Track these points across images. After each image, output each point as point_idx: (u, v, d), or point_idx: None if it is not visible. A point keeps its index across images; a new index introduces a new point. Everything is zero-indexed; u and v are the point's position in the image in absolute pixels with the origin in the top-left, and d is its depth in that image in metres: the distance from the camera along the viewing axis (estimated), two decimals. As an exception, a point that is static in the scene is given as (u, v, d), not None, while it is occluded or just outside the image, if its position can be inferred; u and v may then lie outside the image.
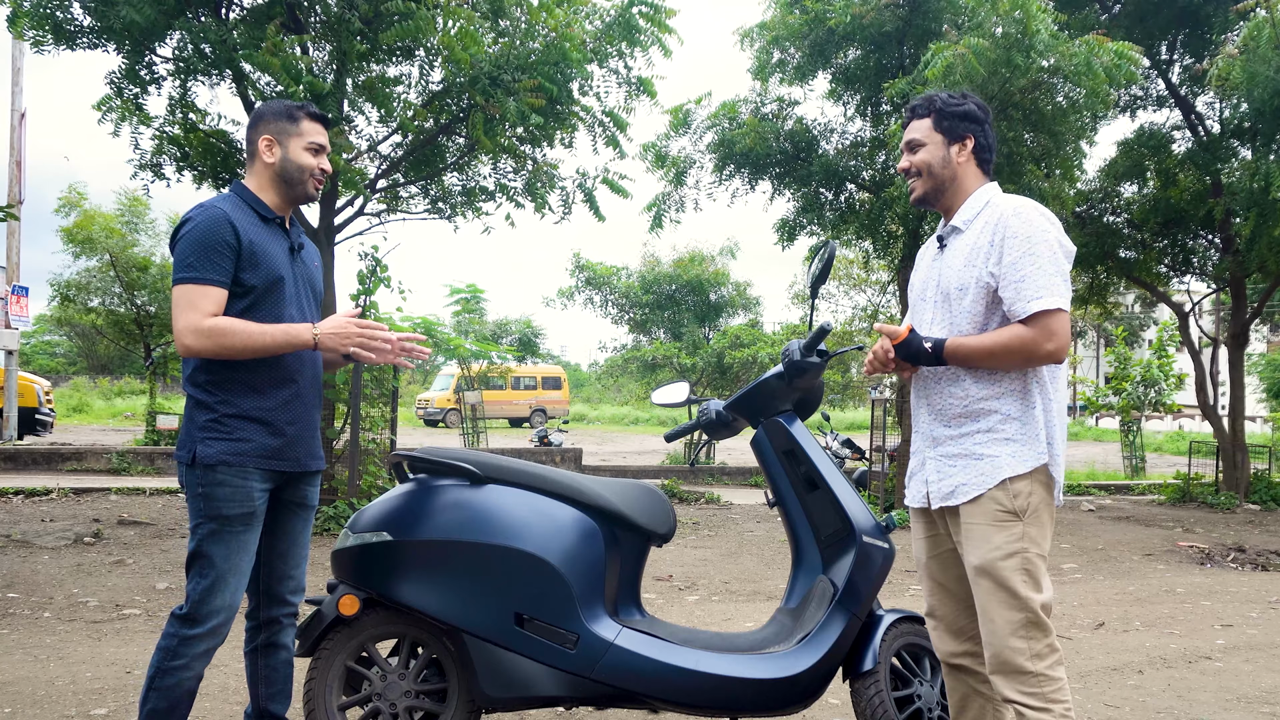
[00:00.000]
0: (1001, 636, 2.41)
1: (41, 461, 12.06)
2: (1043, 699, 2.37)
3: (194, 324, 2.53)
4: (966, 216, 2.57)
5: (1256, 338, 23.80)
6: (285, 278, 2.70)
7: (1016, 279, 2.40)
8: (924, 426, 2.65)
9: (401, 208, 9.38)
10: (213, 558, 2.59)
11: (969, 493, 2.48)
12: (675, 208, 11.30)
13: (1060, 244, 2.45)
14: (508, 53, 7.60)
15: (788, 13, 9.81)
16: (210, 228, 2.58)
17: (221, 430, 2.60)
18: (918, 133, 2.62)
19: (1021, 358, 2.42)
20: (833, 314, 22.89)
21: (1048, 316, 2.37)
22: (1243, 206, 10.62)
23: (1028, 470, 2.44)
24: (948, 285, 2.56)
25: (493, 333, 20.26)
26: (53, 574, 6.05)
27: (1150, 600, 6.40)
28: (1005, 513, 2.43)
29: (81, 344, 38.05)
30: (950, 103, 2.58)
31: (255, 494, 2.63)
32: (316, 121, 2.77)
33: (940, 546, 2.67)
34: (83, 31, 7.18)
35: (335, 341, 2.65)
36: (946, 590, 2.67)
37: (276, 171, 2.73)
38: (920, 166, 2.61)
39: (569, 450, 13.92)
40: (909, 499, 2.73)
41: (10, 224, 14.80)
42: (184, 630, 2.58)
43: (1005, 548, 2.42)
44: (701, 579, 6.71)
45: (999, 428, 2.47)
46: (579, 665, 2.85)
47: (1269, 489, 12.52)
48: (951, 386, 2.55)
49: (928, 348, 2.49)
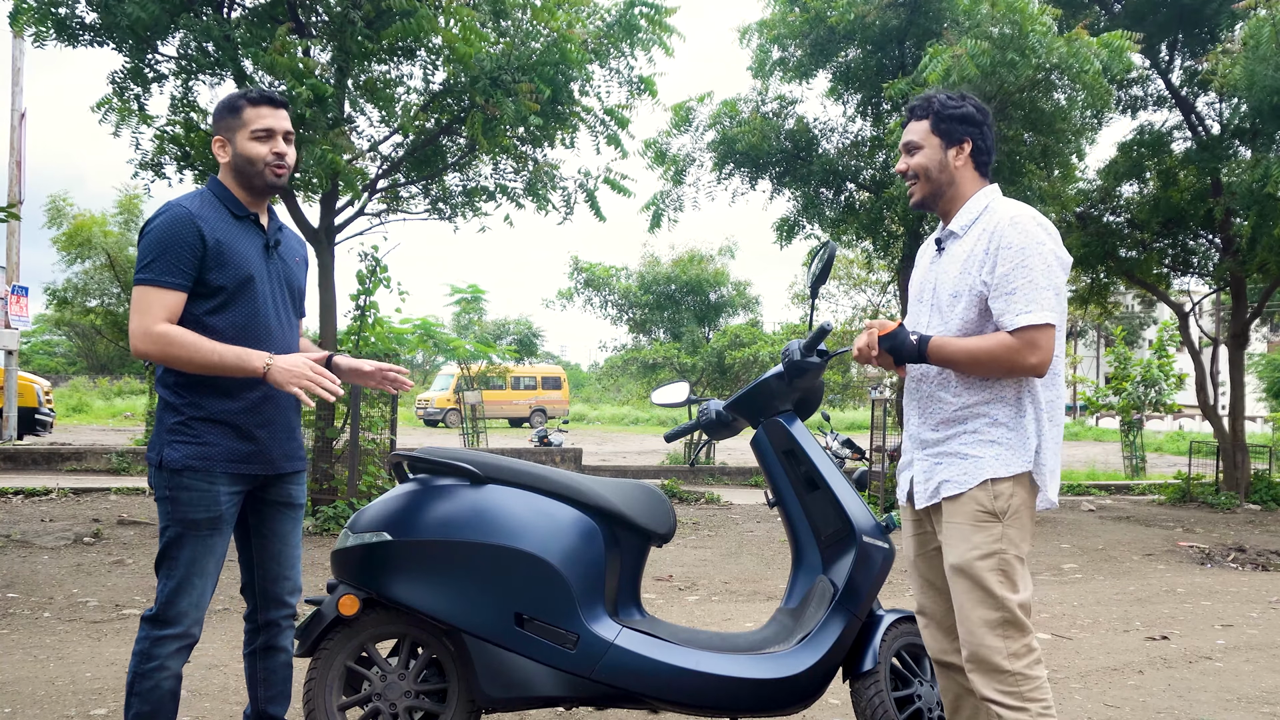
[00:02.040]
0: (978, 635, 2.42)
1: (41, 461, 12.05)
2: (1020, 697, 2.38)
3: (145, 328, 2.49)
4: (964, 222, 2.57)
5: (1256, 338, 23.80)
6: (256, 276, 2.64)
7: (1007, 291, 2.40)
8: (913, 429, 2.67)
9: (402, 208, 9.38)
10: (178, 560, 2.58)
11: (951, 490, 2.50)
12: (674, 206, 11.31)
13: (1056, 256, 2.44)
14: (508, 53, 7.60)
15: (788, 11, 9.81)
16: (172, 228, 2.53)
17: (188, 434, 2.57)
18: (915, 135, 2.61)
19: (1004, 367, 2.42)
20: (833, 314, 22.90)
21: (1034, 330, 2.37)
22: (1243, 206, 10.61)
23: (1011, 474, 2.44)
24: (942, 291, 2.57)
25: (492, 333, 20.27)
26: (53, 574, 6.04)
27: (1150, 600, 6.39)
28: (985, 513, 2.44)
29: (81, 344, 38.00)
30: (948, 105, 2.57)
31: (222, 498, 2.60)
32: (261, 105, 2.64)
33: (928, 545, 2.68)
34: (85, 28, 7.18)
35: (285, 377, 2.52)
36: (936, 588, 2.67)
37: (232, 170, 2.67)
38: (917, 169, 2.60)
39: (569, 450, 13.92)
40: (899, 495, 2.76)
41: (10, 224, 14.80)
42: (154, 631, 2.58)
43: (983, 547, 2.43)
44: (701, 579, 6.70)
45: (986, 430, 2.48)
46: (579, 665, 2.84)
47: (1269, 489, 12.52)
48: (941, 390, 2.56)
49: (913, 341, 2.49)
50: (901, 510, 2.77)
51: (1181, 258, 13.03)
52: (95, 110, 7.50)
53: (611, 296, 16.75)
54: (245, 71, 7.21)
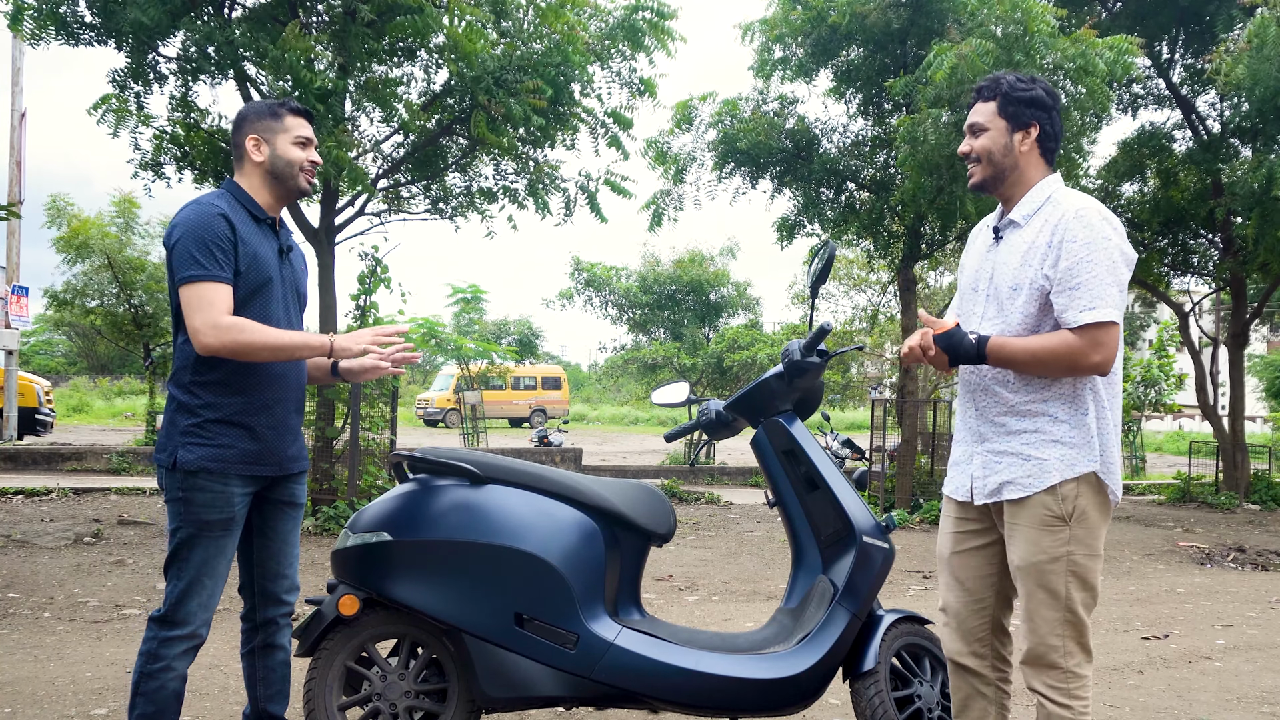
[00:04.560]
0: (1040, 633, 2.40)
1: (41, 461, 12.06)
2: (1067, 694, 2.39)
3: (213, 320, 2.50)
4: (1026, 211, 2.48)
5: (1256, 338, 23.78)
6: (274, 279, 2.69)
7: (1071, 286, 2.33)
8: (971, 423, 2.59)
9: (402, 208, 9.39)
10: (189, 561, 2.59)
11: (1015, 492, 2.43)
12: (674, 206, 11.31)
13: (1121, 252, 2.36)
14: (510, 53, 7.60)
15: (789, 9, 9.81)
16: (209, 224, 2.56)
17: (204, 436, 2.58)
18: (981, 116, 2.51)
19: (1066, 366, 2.35)
20: (833, 314, 22.86)
21: (1098, 328, 2.30)
22: (1244, 206, 10.61)
23: (1077, 475, 2.39)
24: (1001, 282, 2.48)
25: (493, 333, 20.26)
26: (53, 574, 6.05)
27: (1150, 600, 6.39)
28: (1053, 517, 2.39)
29: (81, 344, 38.03)
30: (1018, 87, 2.47)
31: (235, 499, 2.62)
32: (300, 116, 2.76)
33: (966, 543, 2.61)
34: (86, 27, 7.17)
35: (350, 341, 2.68)
36: (963, 587, 2.63)
37: (267, 170, 2.71)
38: (981, 152, 2.51)
39: (569, 450, 13.92)
40: (948, 489, 2.66)
41: (10, 224, 14.80)
42: (162, 633, 2.59)
43: (1051, 551, 2.38)
44: (701, 579, 6.70)
45: (1048, 429, 2.41)
46: (579, 665, 2.84)
47: (1269, 489, 12.53)
48: (999, 387, 2.49)
49: (971, 341, 2.41)
50: (946, 504, 2.69)
51: (1182, 258, 13.03)
52: (93, 111, 7.46)
53: (612, 296, 16.76)
54: (246, 73, 7.20)
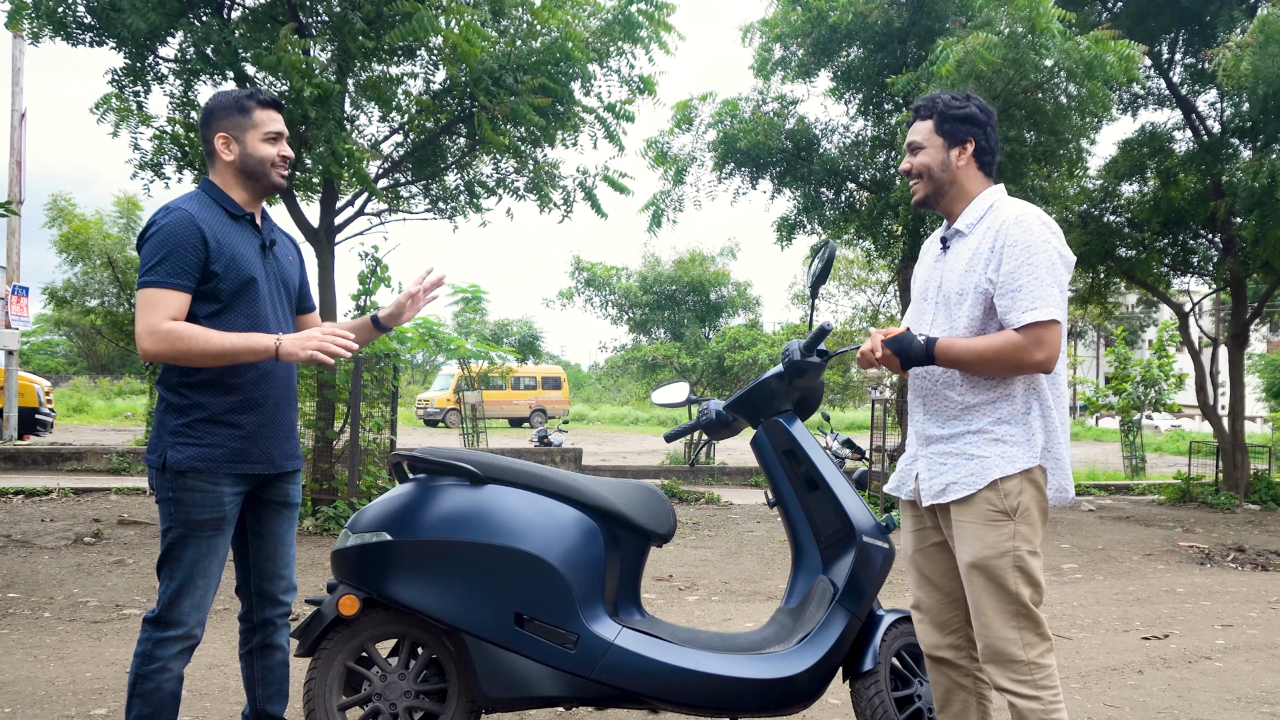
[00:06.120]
0: (994, 629, 2.47)
1: (41, 461, 12.05)
2: (1033, 686, 2.44)
3: (151, 326, 2.48)
4: (970, 220, 2.59)
5: (1256, 338, 23.79)
6: (257, 277, 2.65)
7: (1013, 288, 2.43)
8: (918, 425, 2.69)
9: (402, 207, 9.38)
10: (181, 561, 2.58)
11: (959, 491, 2.52)
12: (674, 206, 11.31)
13: (1060, 254, 2.47)
14: (509, 52, 7.60)
15: (789, 9, 9.81)
16: (176, 230, 2.53)
17: (192, 435, 2.57)
18: (919, 135, 2.64)
19: (1011, 365, 2.44)
20: (833, 314, 22.87)
21: (1040, 327, 2.40)
22: (1245, 207, 10.61)
23: (1018, 471, 2.47)
24: (949, 289, 2.59)
25: (493, 333, 20.26)
26: (53, 574, 6.05)
27: (1150, 600, 6.39)
28: (997, 512, 2.47)
29: (81, 344, 38.03)
30: (952, 105, 2.59)
31: (226, 499, 2.61)
32: (269, 109, 2.68)
33: (927, 540, 2.70)
34: (85, 28, 7.17)
35: (296, 345, 2.52)
36: (932, 584, 2.70)
37: (238, 169, 2.67)
38: (920, 169, 2.63)
39: (569, 450, 13.91)
40: (890, 487, 2.77)
41: (10, 224, 14.80)
42: (156, 633, 2.58)
43: (998, 546, 2.46)
44: (701, 579, 6.70)
45: (991, 429, 2.51)
46: (579, 665, 2.84)
47: (1269, 489, 12.52)
48: (946, 389, 2.58)
49: (920, 343, 2.51)
50: (900, 505, 2.79)
51: (1182, 258, 13.03)
52: (94, 111, 7.48)
53: (612, 296, 16.76)
54: (246, 73, 7.20)
